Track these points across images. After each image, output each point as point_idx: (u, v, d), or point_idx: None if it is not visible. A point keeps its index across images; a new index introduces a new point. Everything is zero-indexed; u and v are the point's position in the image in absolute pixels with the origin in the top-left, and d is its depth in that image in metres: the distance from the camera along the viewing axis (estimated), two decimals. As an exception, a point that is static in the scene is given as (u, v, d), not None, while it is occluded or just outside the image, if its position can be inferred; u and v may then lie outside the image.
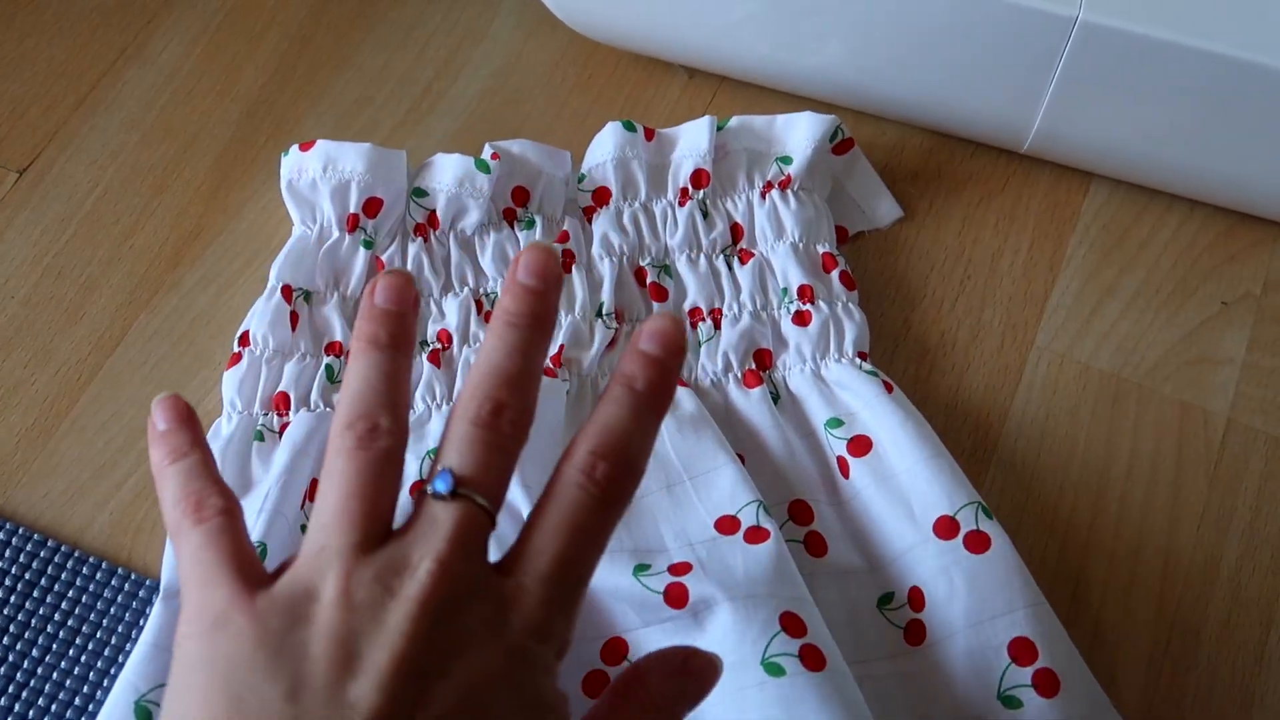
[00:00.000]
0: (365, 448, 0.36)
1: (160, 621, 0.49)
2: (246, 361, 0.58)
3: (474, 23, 0.74)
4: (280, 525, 0.53)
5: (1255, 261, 0.65)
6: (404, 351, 0.38)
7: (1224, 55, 0.56)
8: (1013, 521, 0.57)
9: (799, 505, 0.56)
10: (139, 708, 0.47)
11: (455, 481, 0.35)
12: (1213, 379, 0.61)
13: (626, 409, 0.37)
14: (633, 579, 0.50)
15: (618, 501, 0.37)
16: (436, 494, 0.35)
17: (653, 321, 0.38)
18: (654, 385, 0.38)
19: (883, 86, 0.66)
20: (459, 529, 0.35)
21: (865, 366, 0.59)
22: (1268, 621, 0.56)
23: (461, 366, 0.59)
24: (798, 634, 0.48)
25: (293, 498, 0.54)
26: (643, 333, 0.38)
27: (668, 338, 0.38)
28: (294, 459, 0.55)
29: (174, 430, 0.39)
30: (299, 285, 0.60)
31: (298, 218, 0.61)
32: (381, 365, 0.37)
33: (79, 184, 0.67)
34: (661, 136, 0.65)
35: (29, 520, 0.57)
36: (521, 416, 0.37)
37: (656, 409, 0.38)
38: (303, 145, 0.62)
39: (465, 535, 0.35)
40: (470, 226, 0.62)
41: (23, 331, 0.62)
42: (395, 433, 0.36)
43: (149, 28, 0.73)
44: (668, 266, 0.62)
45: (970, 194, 0.67)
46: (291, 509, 0.54)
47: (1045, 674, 0.50)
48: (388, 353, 0.38)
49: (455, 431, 0.36)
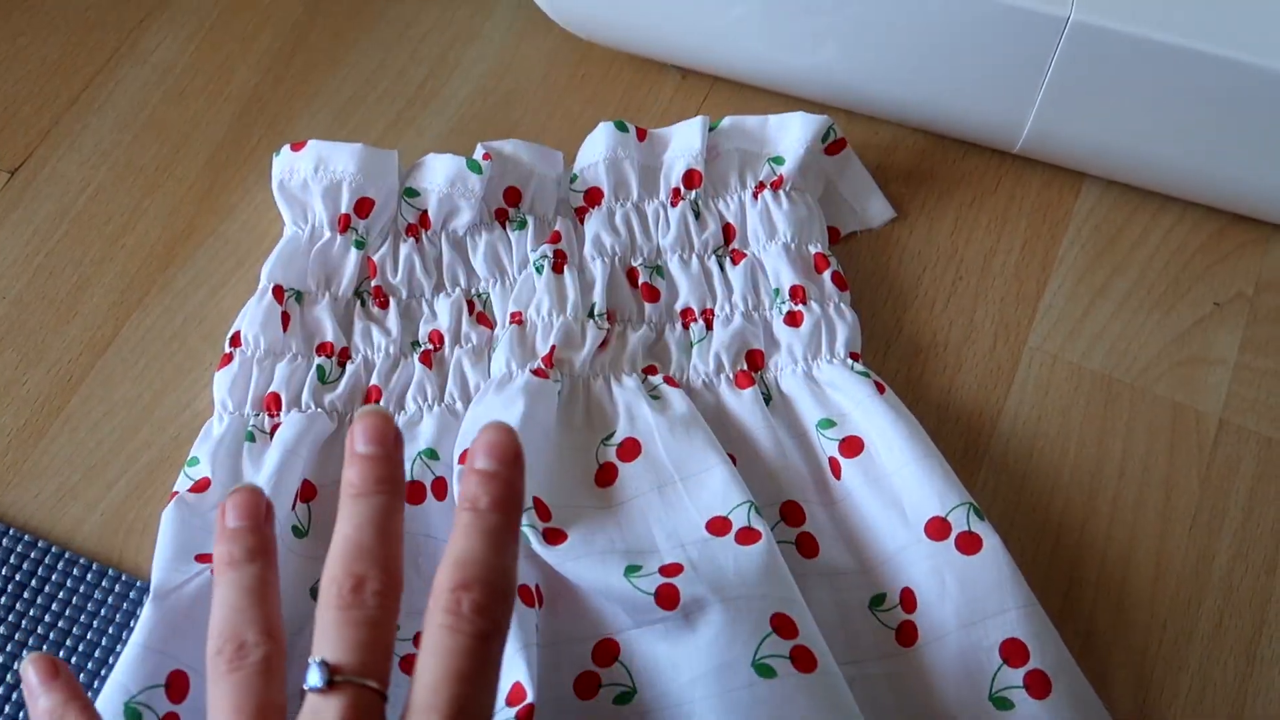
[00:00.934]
0: (237, 668, 0.37)
1: (151, 622, 0.49)
2: (238, 362, 0.58)
3: (467, 22, 0.74)
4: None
5: (1247, 262, 0.65)
6: (263, 559, 0.40)
7: (1216, 55, 0.56)
8: (1005, 522, 0.57)
9: (790, 506, 0.56)
10: (129, 709, 0.47)
11: (330, 671, 0.36)
12: (1205, 379, 0.61)
13: (477, 533, 0.37)
14: (624, 580, 0.50)
15: (495, 631, 0.37)
16: (314, 690, 0.36)
17: (484, 435, 0.38)
18: (499, 501, 0.38)
19: (875, 87, 0.66)
20: (346, 718, 0.35)
21: (857, 367, 0.59)
22: (1259, 622, 0.56)
23: (453, 367, 0.59)
24: (789, 635, 0.48)
25: (283, 499, 0.54)
26: (476, 449, 0.38)
27: (500, 448, 0.38)
28: (285, 460, 0.55)
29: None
30: (290, 286, 0.60)
31: (289, 218, 0.61)
32: (240, 582, 0.39)
33: (71, 183, 0.67)
34: (654, 137, 0.65)
35: (19, 521, 0.57)
36: (387, 584, 0.38)
37: (508, 523, 0.38)
38: (294, 145, 0.62)
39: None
40: (462, 226, 0.62)
41: (14, 331, 0.62)
42: (265, 643, 0.38)
43: (142, 26, 0.73)
44: (660, 267, 0.62)
45: (963, 194, 0.67)
46: (282, 510, 0.54)
47: (1037, 675, 0.50)
48: (244, 568, 0.40)
49: (322, 621, 0.37)
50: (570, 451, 0.56)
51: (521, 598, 0.50)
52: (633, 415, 0.57)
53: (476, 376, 0.59)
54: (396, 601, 0.38)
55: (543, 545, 0.51)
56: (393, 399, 0.58)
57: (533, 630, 0.50)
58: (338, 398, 0.58)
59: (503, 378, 0.57)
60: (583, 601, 0.52)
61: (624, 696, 0.50)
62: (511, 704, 0.48)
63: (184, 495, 0.54)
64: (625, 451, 0.56)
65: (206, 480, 0.55)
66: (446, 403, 0.58)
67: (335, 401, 0.58)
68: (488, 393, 0.57)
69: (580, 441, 0.57)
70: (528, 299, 0.60)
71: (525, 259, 0.62)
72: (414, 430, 0.57)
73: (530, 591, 0.51)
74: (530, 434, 0.55)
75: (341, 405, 0.58)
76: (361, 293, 0.61)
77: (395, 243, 0.62)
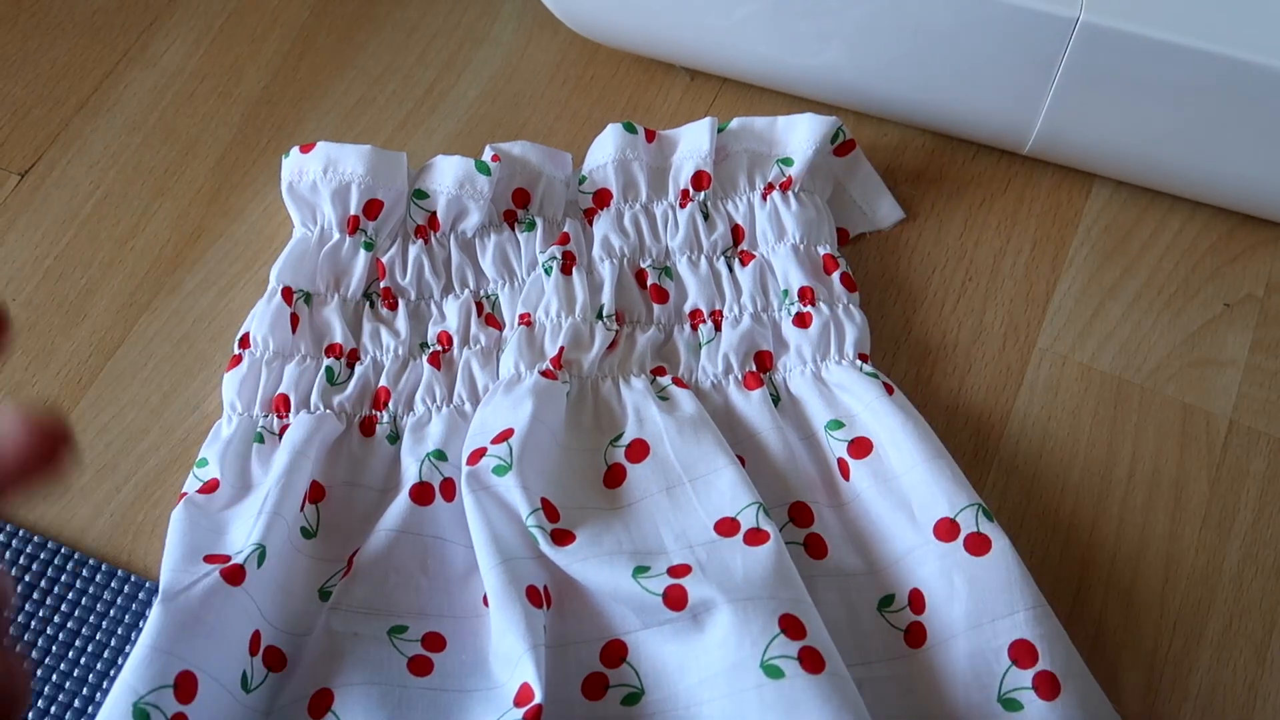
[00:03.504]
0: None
1: (159, 624, 0.49)
2: (247, 363, 0.58)
3: (475, 25, 0.74)
4: (279, 527, 0.53)
5: (1257, 263, 0.65)
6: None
7: (1225, 55, 0.56)
8: (1014, 523, 0.57)
9: (799, 507, 0.55)
10: (137, 710, 0.47)
11: None
12: (1215, 381, 0.61)
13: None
14: (632, 580, 0.50)
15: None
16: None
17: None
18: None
19: (884, 88, 0.66)
20: None
21: (866, 368, 0.58)
22: (1270, 624, 0.55)
23: (461, 368, 0.59)
24: (797, 636, 0.48)
25: (291, 500, 0.54)
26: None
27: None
28: (293, 461, 0.55)
29: None
30: (299, 287, 0.60)
31: (298, 219, 0.61)
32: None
33: (80, 186, 0.67)
34: (662, 138, 0.65)
35: (29, 522, 0.57)
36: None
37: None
38: (303, 147, 0.62)
39: None
40: (471, 228, 0.62)
41: (24, 333, 0.62)
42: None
43: (151, 29, 0.73)
44: (668, 268, 0.62)
45: (972, 196, 0.67)
46: (291, 511, 0.54)
47: (1046, 677, 0.50)
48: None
49: None
50: (578, 453, 0.56)
51: (530, 599, 0.50)
52: (641, 416, 0.57)
53: (485, 378, 0.59)
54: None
55: (551, 546, 0.51)
56: (401, 400, 0.58)
57: (540, 631, 0.50)
58: (346, 399, 0.58)
59: (511, 379, 0.57)
60: (591, 603, 0.52)
61: (632, 698, 0.50)
62: (520, 704, 0.48)
63: (193, 496, 0.54)
64: (634, 453, 0.56)
65: (215, 481, 0.55)
66: (455, 404, 0.58)
67: (344, 403, 0.58)
68: (496, 394, 0.57)
69: (588, 443, 0.57)
70: (536, 300, 0.60)
71: (534, 260, 0.62)
72: (422, 432, 0.57)
73: (538, 592, 0.51)
74: (538, 435, 0.55)
75: (350, 406, 0.58)
76: (370, 294, 0.61)
77: (404, 244, 0.62)
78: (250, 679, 0.50)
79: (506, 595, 0.50)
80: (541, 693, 0.47)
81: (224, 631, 0.50)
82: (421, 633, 0.52)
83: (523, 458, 0.53)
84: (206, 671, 0.48)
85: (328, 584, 0.54)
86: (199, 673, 0.48)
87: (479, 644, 0.52)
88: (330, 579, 0.54)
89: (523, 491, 0.52)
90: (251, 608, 0.51)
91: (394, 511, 0.54)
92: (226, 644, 0.50)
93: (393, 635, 0.52)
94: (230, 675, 0.50)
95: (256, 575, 0.51)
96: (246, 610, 0.51)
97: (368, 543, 0.54)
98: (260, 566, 0.51)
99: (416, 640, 0.52)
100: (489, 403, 0.57)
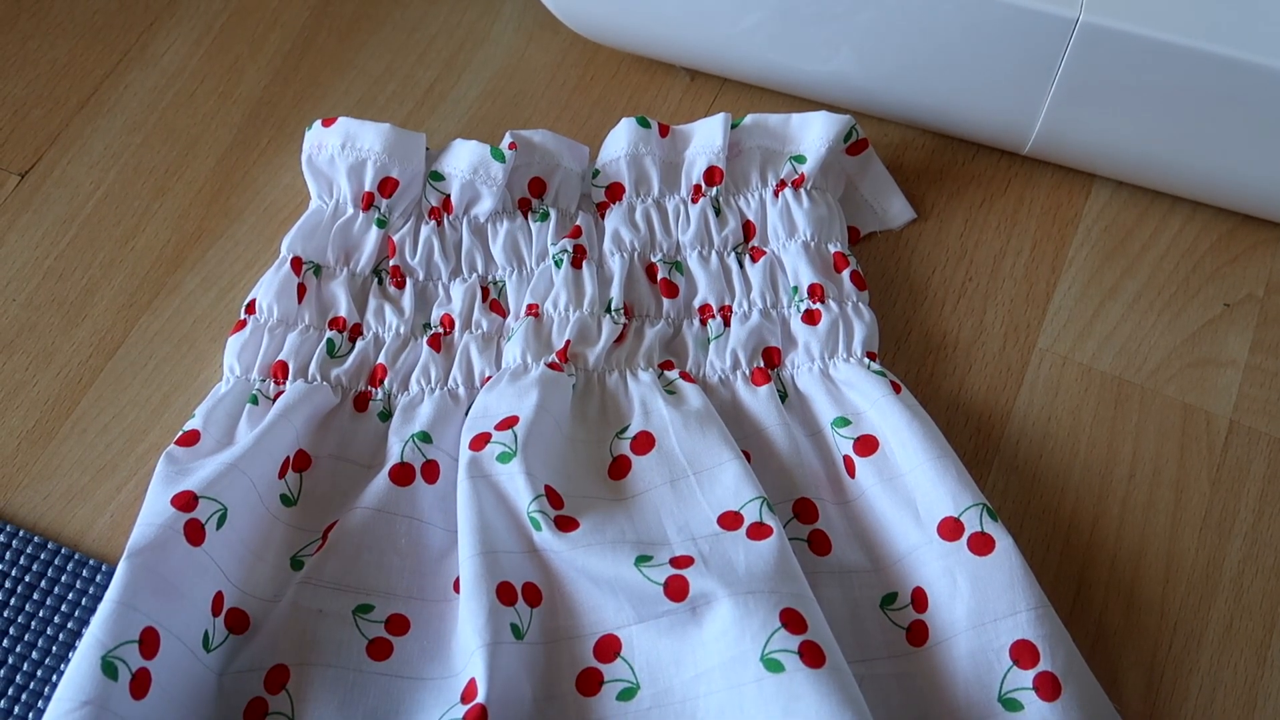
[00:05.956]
0: None
1: (125, 579, 0.49)
2: (250, 328, 0.59)
3: (476, 25, 0.74)
4: (240, 484, 0.53)
5: (1257, 263, 0.65)
6: None
7: (1224, 56, 0.56)
8: (1015, 523, 0.57)
9: (804, 503, 0.55)
10: (105, 663, 0.47)
11: None
12: (1215, 381, 0.61)
13: None
14: (634, 569, 0.50)
15: None
16: None
17: None
18: None
19: (885, 88, 0.66)
20: None
21: (874, 366, 0.58)
22: (1270, 624, 0.55)
23: (460, 352, 0.59)
24: (798, 630, 0.48)
25: (264, 462, 0.54)
26: None
27: None
28: (274, 423, 0.55)
29: None
30: (309, 258, 0.61)
31: (314, 191, 0.62)
32: None
33: (80, 186, 0.67)
34: (676, 133, 0.65)
35: (29, 523, 0.57)
36: None
37: None
38: (325, 121, 0.63)
39: None
40: (483, 213, 0.62)
41: (24, 334, 0.62)
42: None
43: (151, 30, 0.73)
44: (679, 263, 0.62)
45: (972, 196, 0.67)
46: (264, 476, 0.54)
47: (1047, 677, 0.50)
48: None
49: None
50: (584, 444, 0.57)
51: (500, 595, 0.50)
52: (647, 409, 0.57)
53: (483, 364, 0.59)
54: None
55: (554, 532, 0.51)
56: (397, 379, 0.59)
57: (503, 630, 0.49)
58: (344, 372, 0.58)
59: (517, 368, 0.57)
60: (583, 598, 0.52)
61: (627, 693, 0.50)
62: (465, 701, 0.48)
63: (172, 449, 0.55)
64: (639, 445, 0.56)
65: (195, 433, 0.55)
66: (449, 387, 0.58)
67: (341, 376, 0.58)
68: (501, 381, 0.57)
69: (594, 434, 0.57)
70: (545, 292, 0.60)
71: (544, 251, 0.62)
72: (412, 412, 0.58)
73: (513, 590, 0.51)
74: (543, 424, 0.55)
75: (347, 380, 0.58)
76: (380, 271, 0.62)
77: (417, 224, 0.62)
78: (211, 639, 0.51)
79: (478, 587, 0.50)
80: (486, 691, 0.47)
81: (185, 590, 0.50)
82: (387, 613, 0.52)
83: (527, 445, 0.54)
84: (169, 629, 0.49)
85: (301, 553, 0.54)
86: (161, 630, 0.49)
87: (444, 628, 0.53)
88: (305, 548, 0.54)
89: (527, 478, 0.52)
90: (213, 568, 0.51)
91: (372, 490, 0.55)
92: (188, 603, 0.50)
93: (357, 614, 0.52)
94: (192, 634, 0.50)
95: (218, 536, 0.51)
96: (208, 570, 0.51)
97: (344, 519, 0.54)
98: (220, 529, 0.51)
99: (380, 622, 0.52)
100: (493, 389, 0.57)
